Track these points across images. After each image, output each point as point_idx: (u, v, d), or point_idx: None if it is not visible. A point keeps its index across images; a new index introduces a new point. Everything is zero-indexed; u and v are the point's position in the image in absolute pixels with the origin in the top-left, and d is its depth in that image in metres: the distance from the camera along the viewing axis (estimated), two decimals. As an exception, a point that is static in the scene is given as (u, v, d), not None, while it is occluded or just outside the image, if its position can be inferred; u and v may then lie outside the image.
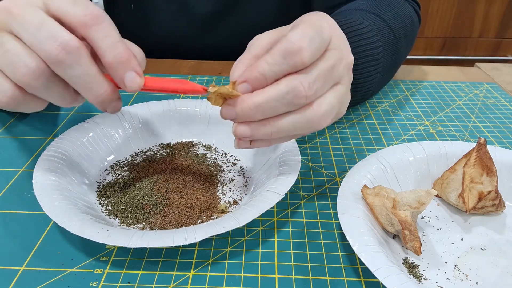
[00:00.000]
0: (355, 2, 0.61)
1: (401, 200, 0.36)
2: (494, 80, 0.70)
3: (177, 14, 0.73)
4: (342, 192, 0.39)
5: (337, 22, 0.50)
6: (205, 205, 0.41)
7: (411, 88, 0.67)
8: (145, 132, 0.50)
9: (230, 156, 0.49)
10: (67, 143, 0.43)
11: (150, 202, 0.40)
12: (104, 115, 0.48)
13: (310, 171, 0.47)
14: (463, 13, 1.70)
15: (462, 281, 0.35)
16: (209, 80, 0.66)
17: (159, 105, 0.51)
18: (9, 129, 0.53)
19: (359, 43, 0.50)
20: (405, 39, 0.58)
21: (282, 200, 0.41)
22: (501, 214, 0.41)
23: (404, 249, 0.37)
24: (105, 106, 0.34)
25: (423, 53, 1.79)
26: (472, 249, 0.38)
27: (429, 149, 0.45)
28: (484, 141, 0.41)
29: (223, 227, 0.34)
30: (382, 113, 0.59)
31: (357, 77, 0.49)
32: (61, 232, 0.38)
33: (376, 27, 0.53)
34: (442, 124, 0.57)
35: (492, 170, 0.40)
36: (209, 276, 0.35)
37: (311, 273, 0.35)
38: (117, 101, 0.35)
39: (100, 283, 0.34)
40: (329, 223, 0.40)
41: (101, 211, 0.40)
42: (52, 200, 0.36)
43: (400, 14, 0.58)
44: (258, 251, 0.37)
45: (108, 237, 0.33)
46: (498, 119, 0.58)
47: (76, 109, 0.57)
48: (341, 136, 0.53)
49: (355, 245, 0.33)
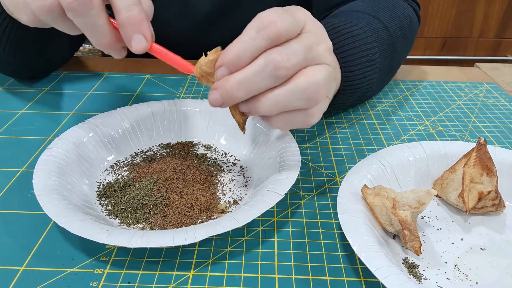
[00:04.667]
0: (353, 3, 0.61)
1: (401, 200, 0.36)
2: (494, 80, 0.70)
3: (178, 13, 0.73)
4: (342, 192, 0.39)
5: (331, 24, 0.50)
6: (205, 205, 0.41)
7: (411, 88, 0.67)
8: (145, 132, 0.50)
9: (230, 156, 0.49)
10: (67, 143, 0.43)
11: (150, 202, 0.40)
12: (104, 115, 0.48)
13: (310, 171, 0.47)
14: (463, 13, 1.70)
15: (462, 281, 0.35)
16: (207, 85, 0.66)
17: (159, 105, 0.51)
18: (9, 129, 0.53)
19: (353, 44, 0.50)
20: (403, 39, 0.58)
21: (282, 200, 0.41)
22: (501, 214, 0.41)
23: (404, 249, 0.37)
24: (108, 52, 0.38)
25: (423, 53, 1.78)
26: (472, 249, 0.38)
27: (429, 149, 0.45)
28: (484, 141, 0.41)
29: (223, 227, 0.34)
30: (382, 113, 0.59)
31: (353, 78, 0.50)
32: (61, 232, 0.38)
33: (372, 29, 0.53)
34: (442, 124, 0.57)
35: (492, 170, 0.40)
36: (209, 276, 0.35)
37: (311, 273, 0.35)
38: (120, 49, 0.38)
39: (100, 283, 0.34)
40: (329, 223, 0.40)
41: (101, 211, 0.40)
42: (52, 200, 0.36)
43: (398, 15, 0.58)
44: (258, 251, 0.37)
45: (108, 237, 0.33)
46: (498, 119, 0.58)
47: (76, 109, 0.57)
48: (341, 136, 0.53)
49: (355, 245, 0.33)
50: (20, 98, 0.60)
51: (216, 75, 0.35)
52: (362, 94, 0.54)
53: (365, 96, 0.56)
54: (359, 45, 0.50)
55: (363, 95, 0.54)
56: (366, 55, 0.51)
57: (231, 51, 0.34)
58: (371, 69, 0.52)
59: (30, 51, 0.57)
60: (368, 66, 0.51)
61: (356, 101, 0.56)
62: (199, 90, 0.63)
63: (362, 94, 0.54)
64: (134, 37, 0.35)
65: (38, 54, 0.58)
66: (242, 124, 0.38)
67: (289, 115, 0.37)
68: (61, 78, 0.65)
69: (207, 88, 0.64)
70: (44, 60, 0.61)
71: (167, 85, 0.64)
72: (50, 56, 0.61)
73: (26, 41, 0.54)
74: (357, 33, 0.51)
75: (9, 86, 0.63)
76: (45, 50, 0.58)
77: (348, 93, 0.51)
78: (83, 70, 0.68)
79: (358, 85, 0.51)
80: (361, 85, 0.51)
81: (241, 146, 0.49)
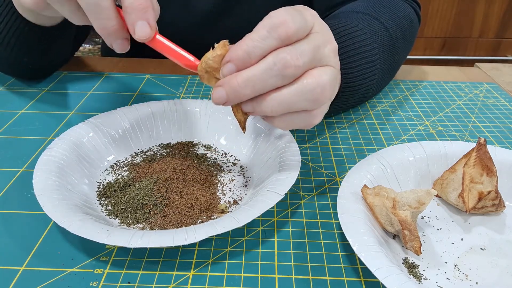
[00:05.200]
0: (353, 3, 0.61)
1: (401, 200, 0.36)
2: (494, 80, 0.70)
3: (178, 12, 0.73)
4: (342, 192, 0.39)
5: (331, 25, 0.50)
6: (205, 205, 0.41)
7: (411, 88, 0.67)
8: (145, 132, 0.50)
9: (230, 156, 0.49)
10: (67, 143, 0.43)
11: (150, 202, 0.40)
12: (104, 115, 0.48)
13: (310, 171, 0.47)
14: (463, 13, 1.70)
15: (462, 281, 0.35)
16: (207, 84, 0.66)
17: (159, 105, 0.51)
18: (9, 129, 0.53)
19: (353, 46, 0.50)
20: (403, 40, 0.58)
21: (282, 200, 0.41)
22: (501, 214, 0.41)
23: (404, 249, 0.37)
24: (110, 41, 0.37)
25: (423, 53, 1.79)
26: (472, 249, 0.38)
27: (429, 149, 0.45)
28: (484, 141, 0.41)
29: (223, 227, 0.34)
30: (382, 113, 0.59)
31: (353, 79, 0.49)
32: (61, 232, 0.38)
33: (372, 29, 0.53)
34: (442, 124, 0.57)
35: (492, 170, 0.40)
36: (209, 276, 0.35)
37: (311, 273, 0.35)
38: (123, 40, 0.37)
39: (100, 283, 0.34)
40: (329, 223, 0.40)
41: (101, 211, 0.40)
42: (52, 200, 0.36)
43: (398, 15, 0.58)
44: (258, 251, 0.37)
45: (108, 237, 0.33)
46: (498, 119, 0.58)
47: (76, 109, 0.57)
48: (341, 136, 0.53)
49: (355, 245, 0.33)
50: (20, 98, 0.60)
51: (223, 71, 0.34)
52: (362, 95, 0.54)
53: (365, 97, 0.56)
54: (359, 46, 0.50)
55: (363, 96, 0.54)
56: (366, 56, 0.51)
57: (240, 48, 0.33)
58: (371, 70, 0.52)
59: (34, 52, 0.57)
60: (368, 67, 0.51)
61: (356, 102, 0.56)
62: (199, 90, 0.63)
63: (362, 95, 0.54)
64: (138, 23, 0.35)
65: (41, 54, 0.58)
66: (243, 123, 0.38)
67: (292, 116, 0.36)
68: (61, 78, 0.65)
69: (207, 88, 0.64)
70: (47, 61, 0.61)
71: (167, 85, 0.64)
72: (53, 56, 0.61)
73: (31, 41, 0.54)
74: (357, 34, 0.51)
75: (9, 86, 0.63)
76: (48, 50, 0.58)
77: (348, 94, 0.51)
78: (83, 70, 0.68)
79: (358, 86, 0.51)
80: (361, 86, 0.51)
81: (241, 146, 0.49)
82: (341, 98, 0.51)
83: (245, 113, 0.37)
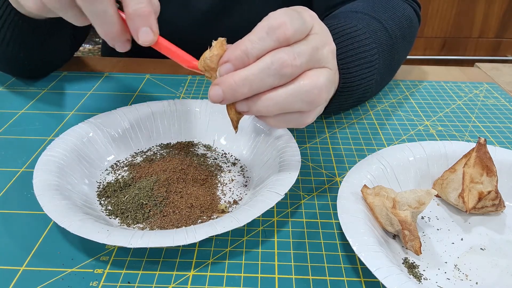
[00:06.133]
0: (352, 3, 0.61)
1: (401, 200, 0.36)
2: (494, 80, 0.70)
3: (177, 12, 0.73)
4: (342, 192, 0.39)
5: (330, 25, 0.50)
6: (205, 205, 0.41)
7: (411, 88, 0.67)
8: (145, 132, 0.50)
9: (230, 156, 0.49)
10: (67, 143, 0.43)
11: (150, 202, 0.40)
12: (104, 115, 0.48)
13: (310, 171, 0.47)
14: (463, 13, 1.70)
15: (462, 281, 0.35)
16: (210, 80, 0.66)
17: (159, 105, 0.51)
18: (9, 129, 0.53)
19: (351, 46, 0.50)
20: (402, 40, 0.58)
21: (282, 200, 0.41)
22: (501, 214, 0.41)
23: (404, 249, 0.37)
24: (113, 43, 0.38)
25: (423, 53, 1.79)
26: (472, 249, 0.38)
27: (429, 149, 0.45)
28: (484, 141, 0.41)
29: (223, 227, 0.34)
30: (382, 113, 0.59)
31: (351, 80, 0.49)
32: (61, 232, 0.38)
33: (371, 30, 0.53)
34: (442, 124, 0.57)
35: (492, 170, 0.40)
36: (209, 276, 0.35)
37: (311, 273, 0.35)
38: (125, 41, 0.38)
39: (100, 283, 0.34)
40: (329, 223, 0.40)
41: (101, 211, 0.40)
42: (52, 200, 0.36)
43: (398, 15, 0.58)
44: (258, 251, 0.37)
45: (108, 237, 0.33)
46: (498, 119, 0.58)
47: (76, 109, 0.57)
48: (341, 136, 0.53)
49: (355, 245, 0.33)
50: (20, 98, 0.60)
51: (220, 70, 0.35)
52: (361, 95, 0.54)
53: (364, 97, 0.56)
54: (357, 46, 0.50)
55: (362, 96, 0.54)
56: (364, 56, 0.51)
57: (238, 48, 0.34)
58: (370, 70, 0.51)
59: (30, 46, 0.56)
60: (366, 68, 0.51)
61: (355, 102, 0.56)
62: (199, 90, 0.63)
63: (361, 95, 0.54)
64: (141, 29, 0.36)
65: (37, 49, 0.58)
66: (236, 123, 0.38)
67: (286, 115, 0.37)
68: (61, 78, 0.65)
69: (207, 88, 0.64)
70: (44, 57, 0.61)
71: (167, 85, 0.64)
72: (50, 53, 0.61)
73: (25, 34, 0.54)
74: (356, 34, 0.51)
75: (9, 86, 0.63)
76: (45, 45, 0.58)
77: (346, 95, 0.51)
78: (83, 70, 0.68)
79: (357, 86, 0.51)
80: (360, 87, 0.51)
81: (241, 146, 0.49)
82: (340, 98, 0.51)
83: (238, 113, 0.37)
